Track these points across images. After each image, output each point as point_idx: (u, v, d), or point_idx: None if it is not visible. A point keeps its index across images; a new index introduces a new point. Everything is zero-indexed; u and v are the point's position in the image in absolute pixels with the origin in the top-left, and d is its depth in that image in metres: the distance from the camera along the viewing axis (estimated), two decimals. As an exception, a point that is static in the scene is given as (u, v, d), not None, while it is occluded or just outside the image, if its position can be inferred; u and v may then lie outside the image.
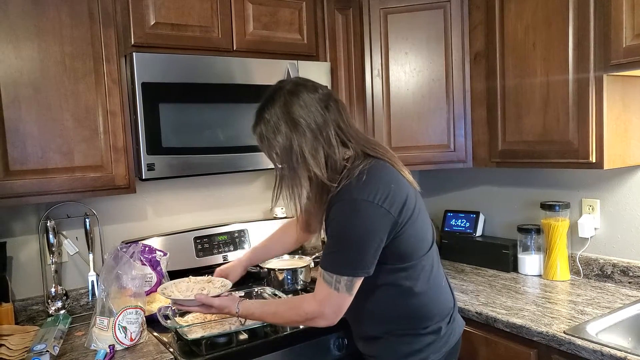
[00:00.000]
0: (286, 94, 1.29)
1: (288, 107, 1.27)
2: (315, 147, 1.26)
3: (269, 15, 1.95)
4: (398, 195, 1.25)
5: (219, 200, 2.23)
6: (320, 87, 1.34)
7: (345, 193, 1.25)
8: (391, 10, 2.12)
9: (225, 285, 1.54)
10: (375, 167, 1.28)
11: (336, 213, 1.25)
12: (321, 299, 1.27)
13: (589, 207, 2.00)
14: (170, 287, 1.54)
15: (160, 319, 1.56)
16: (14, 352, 1.46)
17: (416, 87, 2.14)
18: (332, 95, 1.34)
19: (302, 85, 1.31)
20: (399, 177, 1.31)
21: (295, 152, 1.26)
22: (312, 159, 1.25)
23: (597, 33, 1.62)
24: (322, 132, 1.27)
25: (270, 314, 1.37)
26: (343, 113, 1.32)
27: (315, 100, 1.28)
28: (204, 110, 1.76)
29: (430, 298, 1.35)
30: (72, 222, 1.88)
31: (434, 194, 2.66)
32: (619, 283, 1.90)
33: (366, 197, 1.22)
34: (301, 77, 1.36)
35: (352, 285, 1.25)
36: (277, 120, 1.27)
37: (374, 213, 1.22)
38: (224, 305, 1.39)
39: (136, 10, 1.69)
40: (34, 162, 1.54)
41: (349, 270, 1.24)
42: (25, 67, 1.51)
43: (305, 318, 1.30)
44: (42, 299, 1.81)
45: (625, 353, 1.32)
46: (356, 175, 1.24)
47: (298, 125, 1.26)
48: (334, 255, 1.26)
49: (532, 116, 1.83)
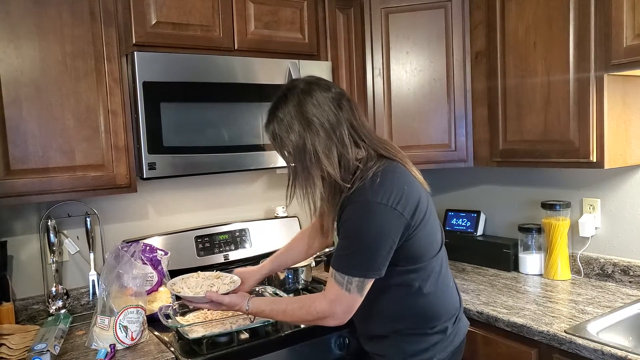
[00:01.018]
0: (299, 93, 1.29)
1: (301, 106, 1.27)
2: (328, 147, 1.25)
3: (270, 14, 1.95)
4: (411, 198, 1.26)
5: (220, 200, 2.23)
6: (333, 86, 1.34)
7: (359, 195, 1.25)
8: (392, 9, 2.12)
9: (235, 281, 1.53)
10: (388, 168, 1.28)
11: (349, 214, 1.25)
12: (332, 299, 1.27)
13: (589, 207, 2.00)
14: (179, 283, 1.54)
15: (161, 318, 1.56)
16: (15, 352, 1.46)
17: (417, 86, 2.14)
18: (345, 94, 1.34)
19: (315, 84, 1.31)
20: (412, 179, 1.31)
21: (309, 151, 1.25)
22: (325, 159, 1.25)
23: (597, 33, 1.62)
24: (336, 131, 1.26)
25: (280, 312, 1.37)
26: (356, 112, 1.32)
27: (329, 99, 1.28)
28: (205, 109, 1.76)
29: (439, 298, 1.36)
30: (73, 221, 1.88)
31: (435, 193, 2.63)
32: (620, 282, 1.90)
33: (380, 200, 1.22)
34: (314, 76, 1.36)
35: (364, 287, 1.26)
36: (291, 119, 1.27)
37: (387, 215, 1.22)
38: (234, 303, 1.39)
39: (137, 10, 1.69)
40: (35, 161, 1.54)
41: (361, 272, 1.24)
42: (26, 66, 1.51)
43: (316, 317, 1.30)
44: (42, 298, 1.81)
45: (626, 352, 1.32)
46: (370, 177, 1.25)
47: (311, 124, 1.25)
48: (346, 257, 1.26)
49: (533, 115, 1.84)
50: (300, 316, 1.35)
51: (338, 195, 1.30)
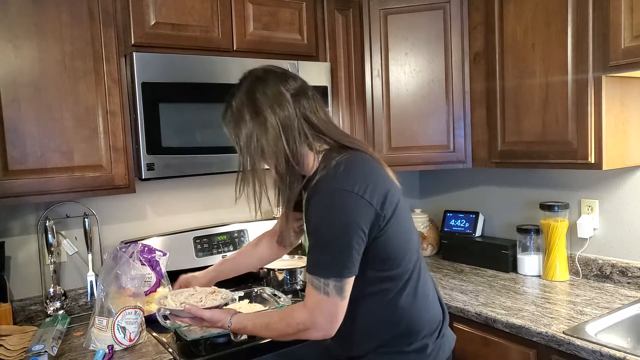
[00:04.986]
0: (253, 80, 1.22)
1: (252, 93, 1.20)
2: (275, 138, 1.18)
3: (269, 15, 1.95)
4: (379, 187, 1.16)
5: (218, 200, 2.23)
6: (293, 76, 1.26)
7: (322, 184, 1.16)
8: (391, 10, 2.13)
9: (225, 297, 1.42)
10: (354, 157, 1.20)
11: (314, 206, 1.16)
12: (312, 307, 1.16)
13: (588, 208, 2.00)
14: (170, 296, 1.45)
15: (160, 319, 1.55)
16: (12, 353, 1.46)
17: (416, 87, 2.14)
18: (306, 87, 1.25)
19: (271, 73, 1.24)
20: (380, 171, 1.22)
21: (254, 142, 1.19)
22: (271, 151, 1.18)
23: (595, 34, 1.63)
24: (287, 123, 1.18)
25: (263, 326, 1.26)
26: (316, 105, 1.24)
27: (284, 89, 1.20)
28: (204, 110, 1.76)
29: (416, 311, 1.24)
30: (71, 222, 1.88)
31: (434, 194, 2.67)
32: (618, 283, 1.90)
33: (345, 187, 1.13)
34: (275, 65, 1.29)
35: (342, 288, 1.14)
36: (241, 107, 1.21)
37: (354, 204, 1.12)
38: (216, 319, 1.29)
39: (136, 10, 1.69)
40: (34, 161, 1.53)
41: (335, 271, 1.13)
42: (25, 66, 1.51)
43: (297, 329, 1.18)
44: (40, 299, 1.81)
45: (624, 353, 1.32)
46: (333, 166, 1.16)
47: (260, 113, 1.18)
48: (317, 256, 1.16)
49: (532, 117, 1.84)
50: (282, 330, 1.22)
51: (295, 188, 1.22)
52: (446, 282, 2.06)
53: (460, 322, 1.76)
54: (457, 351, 1.42)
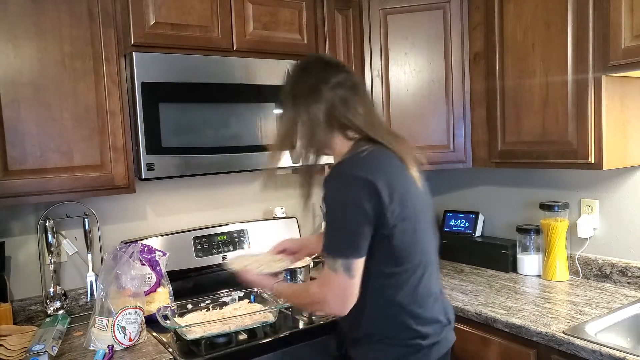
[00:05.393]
0: (297, 70, 1.36)
1: (294, 83, 1.33)
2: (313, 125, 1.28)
3: (269, 15, 1.95)
4: (394, 184, 1.21)
5: (218, 200, 2.23)
6: (337, 68, 1.34)
7: (335, 167, 1.25)
8: (391, 10, 2.13)
9: (282, 267, 1.53)
10: (377, 151, 1.26)
11: (326, 187, 1.24)
12: (322, 283, 1.25)
13: (587, 208, 2.00)
14: (240, 260, 1.52)
15: (160, 319, 1.56)
16: (13, 353, 1.46)
17: (416, 87, 2.14)
18: (351, 77, 1.33)
19: (318, 62, 1.37)
20: (401, 170, 1.26)
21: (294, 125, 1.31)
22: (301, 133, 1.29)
23: (596, 34, 1.62)
24: (322, 113, 1.27)
25: (291, 294, 1.40)
26: (354, 97, 1.30)
27: (323, 81, 1.29)
28: (204, 110, 1.76)
29: (414, 310, 1.27)
30: (71, 222, 1.88)
31: (434, 194, 2.62)
32: (618, 283, 1.90)
33: (355, 172, 1.20)
34: (327, 55, 1.42)
35: (350, 267, 1.19)
36: (284, 96, 1.34)
37: (361, 187, 1.18)
38: (263, 284, 1.45)
39: (136, 10, 1.69)
40: (33, 161, 1.54)
41: (341, 251, 1.19)
42: (24, 66, 1.51)
43: (312, 301, 1.29)
44: (40, 299, 1.81)
45: (624, 353, 1.33)
46: (356, 152, 1.25)
47: (295, 98, 1.30)
48: (327, 236, 1.24)
49: (532, 117, 1.84)
50: (301, 300, 1.37)
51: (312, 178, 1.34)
52: (446, 282, 2.07)
53: (460, 322, 1.76)
54: (457, 351, 1.42)
